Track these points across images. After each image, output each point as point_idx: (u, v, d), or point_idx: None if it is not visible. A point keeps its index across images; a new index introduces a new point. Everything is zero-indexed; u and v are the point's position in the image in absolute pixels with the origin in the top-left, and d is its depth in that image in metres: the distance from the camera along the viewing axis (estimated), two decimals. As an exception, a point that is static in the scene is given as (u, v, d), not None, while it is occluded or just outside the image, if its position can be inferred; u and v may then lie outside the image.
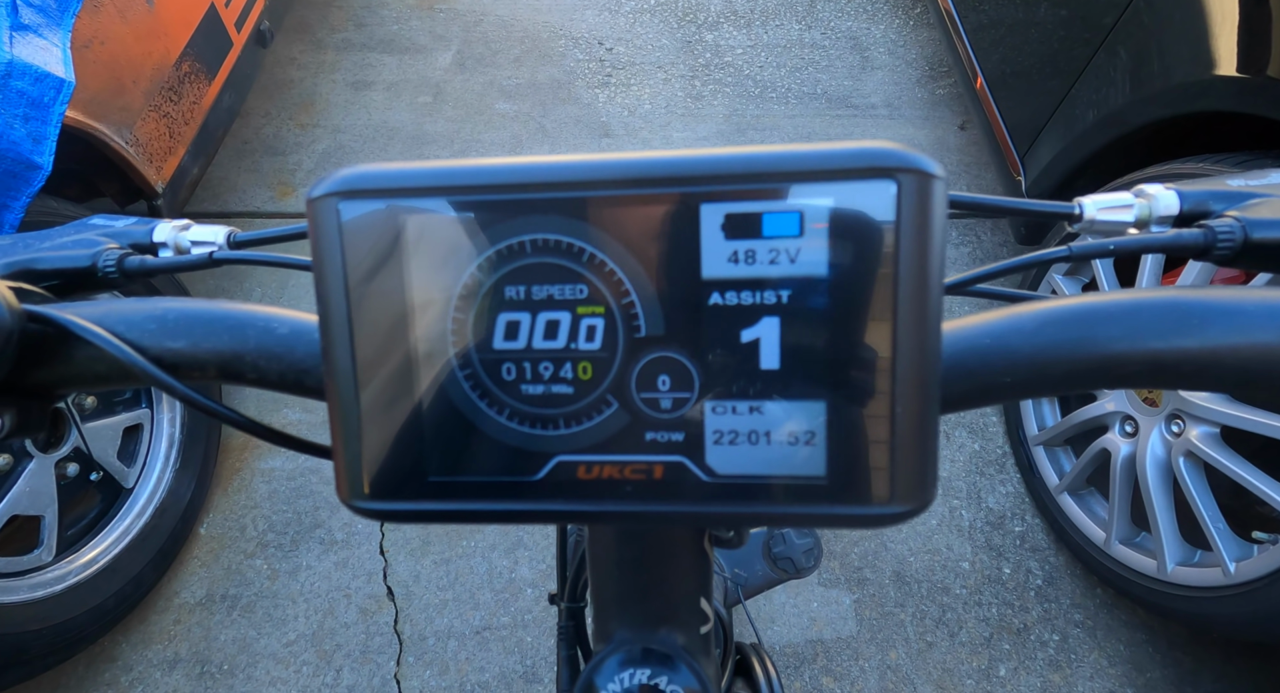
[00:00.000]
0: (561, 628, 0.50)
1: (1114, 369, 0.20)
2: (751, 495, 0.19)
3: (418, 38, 2.24)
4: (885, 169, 0.17)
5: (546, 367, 0.19)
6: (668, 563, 0.26)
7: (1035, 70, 1.46)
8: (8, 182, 0.91)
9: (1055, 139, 1.36)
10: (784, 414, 0.18)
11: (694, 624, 0.27)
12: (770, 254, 0.18)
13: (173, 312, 0.24)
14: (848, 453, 0.18)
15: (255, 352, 0.24)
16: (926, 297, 0.17)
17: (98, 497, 1.16)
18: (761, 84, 2.14)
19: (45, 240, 0.33)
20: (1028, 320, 0.21)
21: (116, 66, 1.18)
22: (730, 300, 0.18)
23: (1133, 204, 0.29)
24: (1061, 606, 1.26)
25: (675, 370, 0.19)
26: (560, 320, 0.19)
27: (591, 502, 0.19)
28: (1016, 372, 0.21)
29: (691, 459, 0.19)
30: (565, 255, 0.18)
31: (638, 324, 0.19)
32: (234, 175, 1.84)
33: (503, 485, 0.20)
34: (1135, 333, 0.20)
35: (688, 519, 0.19)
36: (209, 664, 1.18)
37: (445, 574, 1.27)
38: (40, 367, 0.24)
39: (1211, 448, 0.98)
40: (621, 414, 0.19)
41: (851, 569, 1.29)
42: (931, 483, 0.18)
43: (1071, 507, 1.24)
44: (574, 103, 2.07)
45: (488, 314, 0.19)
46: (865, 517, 0.19)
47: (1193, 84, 1.03)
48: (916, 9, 2.40)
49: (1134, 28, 1.18)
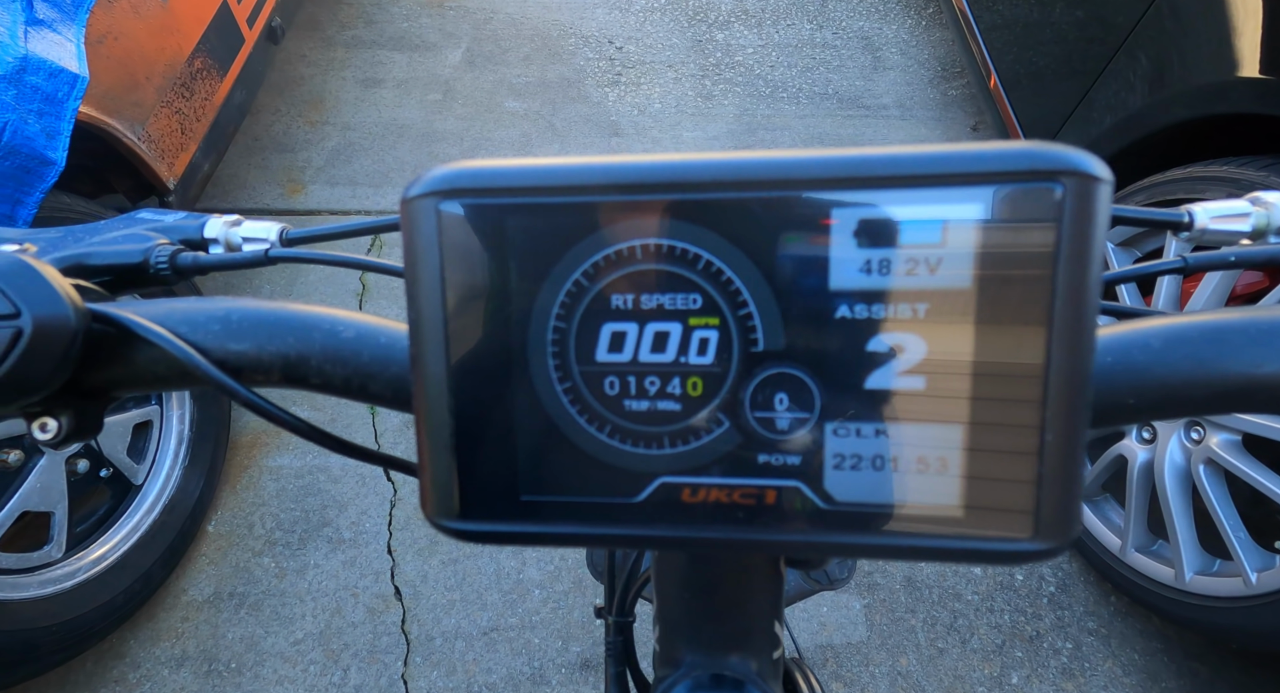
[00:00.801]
0: (609, 644, 0.48)
1: (1261, 394, 0.19)
2: (873, 526, 0.17)
3: (428, 35, 2.24)
4: (1050, 172, 0.15)
5: (653, 381, 0.18)
6: (742, 585, 0.24)
7: (1051, 71, 1.44)
8: (22, 177, 0.90)
9: (1072, 141, 1.34)
10: (915, 439, 0.17)
11: (767, 649, 0.26)
12: (908, 264, 0.16)
13: (236, 312, 0.23)
14: (987, 482, 0.17)
15: (321, 355, 0.23)
16: (1085, 313, 0.16)
17: (107, 493, 1.16)
18: (772, 84, 2.13)
19: (94, 235, 0.32)
20: (1154, 337, 0.19)
21: (130, 62, 1.18)
22: (860, 314, 0.17)
23: (1249, 213, 0.27)
24: (1075, 613, 1.24)
25: (795, 388, 0.17)
26: (670, 332, 0.18)
27: (695, 528, 0.18)
28: (1142, 393, 0.19)
29: (808, 485, 0.18)
30: (678, 262, 0.17)
31: (755, 337, 0.17)
32: (244, 172, 1.84)
33: (601, 507, 0.18)
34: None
35: (801, 549, 0.18)
36: (216, 662, 1.17)
37: (453, 574, 1.27)
38: (100, 368, 0.23)
39: (1232, 455, 0.97)
40: (733, 434, 0.18)
41: (862, 574, 1.28)
42: (1077, 516, 0.17)
43: (1086, 513, 1.23)
44: (584, 101, 2.06)
45: (592, 324, 0.18)
46: (1004, 553, 0.17)
47: (1214, 85, 1.02)
48: (929, 9, 2.38)
49: (1154, 29, 1.16)
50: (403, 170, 1.87)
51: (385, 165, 1.88)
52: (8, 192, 0.90)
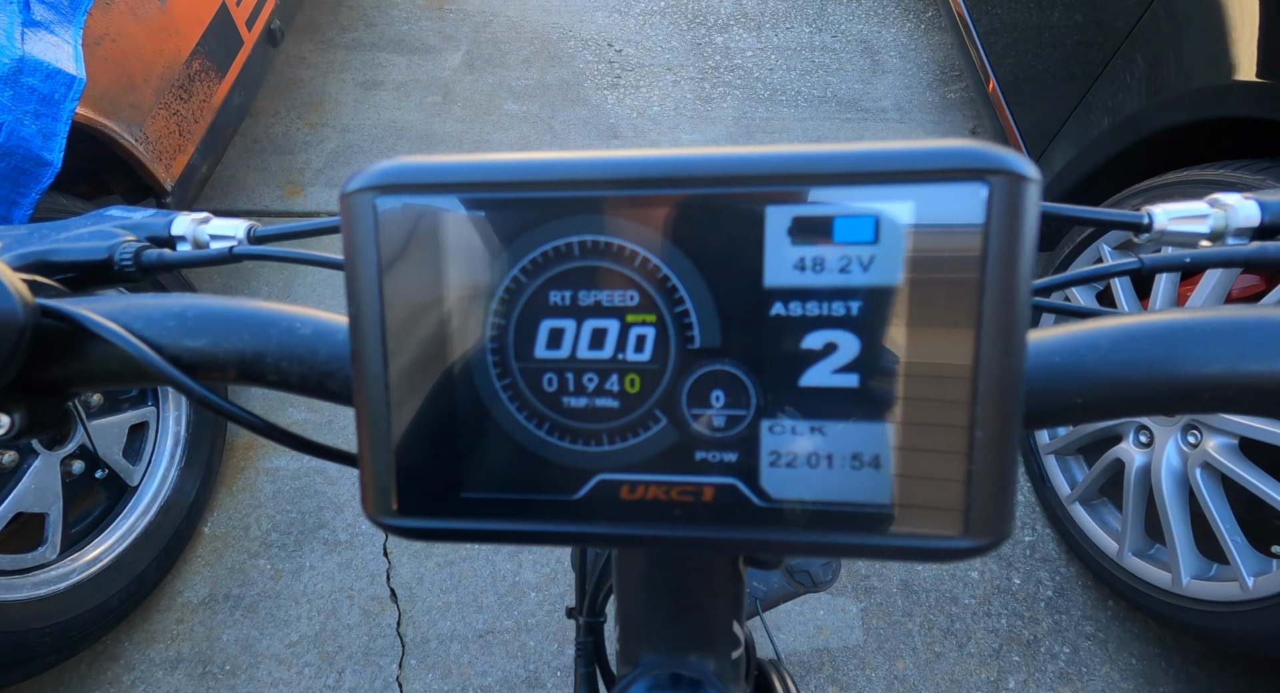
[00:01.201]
0: (580, 644, 0.49)
1: (1206, 394, 0.19)
2: (809, 523, 0.17)
3: (427, 38, 2.24)
4: (977, 170, 0.16)
5: (591, 378, 0.18)
6: (701, 585, 0.24)
7: (1049, 75, 1.44)
8: (18, 178, 0.90)
9: (1069, 144, 1.35)
10: (849, 436, 0.17)
11: (725, 649, 0.26)
12: (841, 261, 0.16)
13: (192, 309, 0.23)
14: (919, 480, 0.17)
15: (277, 352, 0.22)
16: (1014, 310, 0.16)
17: (102, 494, 1.16)
18: (771, 87, 2.13)
19: (61, 231, 0.32)
20: (1103, 337, 0.19)
21: (127, 64, 1.18)
22: (794, 311, 0.17)
23: (1208, 214, 0.27)
24: (1072, 617, 1.24)
25: (731, 385, 0.17)
26: (608, 329, 0.17)
27: (634, 525, 0.18)
28: (1090, 392, 0.19)
29: (745, 482, 0.18)
30: (616, 259, 0.17)
31: (692, 335, 0.17)
32: (243, 174, 1.84)
33: (540, 504, 0.18)
34: (1233, 354, 0.18)
35: (738, 547, 0.18)
36: (211, 664, 1.17)
37: (449, 577, 1.26)
38: (53, 364, 0.23)
39: (1229, 460, 0.96)
40: (670, 431, 0.18)
41: (859, 577, 1.28)
42: (1010, 514, 0.17)
43: (1083, 517, 1.22)
44: (583, 104, 2.06)
45: (530, 320, 0.18)
46: (935, 550, 0.17)
47: (1211, 89, 1.02)
48: (928, 13, 2.39)
49: (1151, 32, 1.16)
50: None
51: (384, 167, 1.88)
52: (3, 193, 0.90)
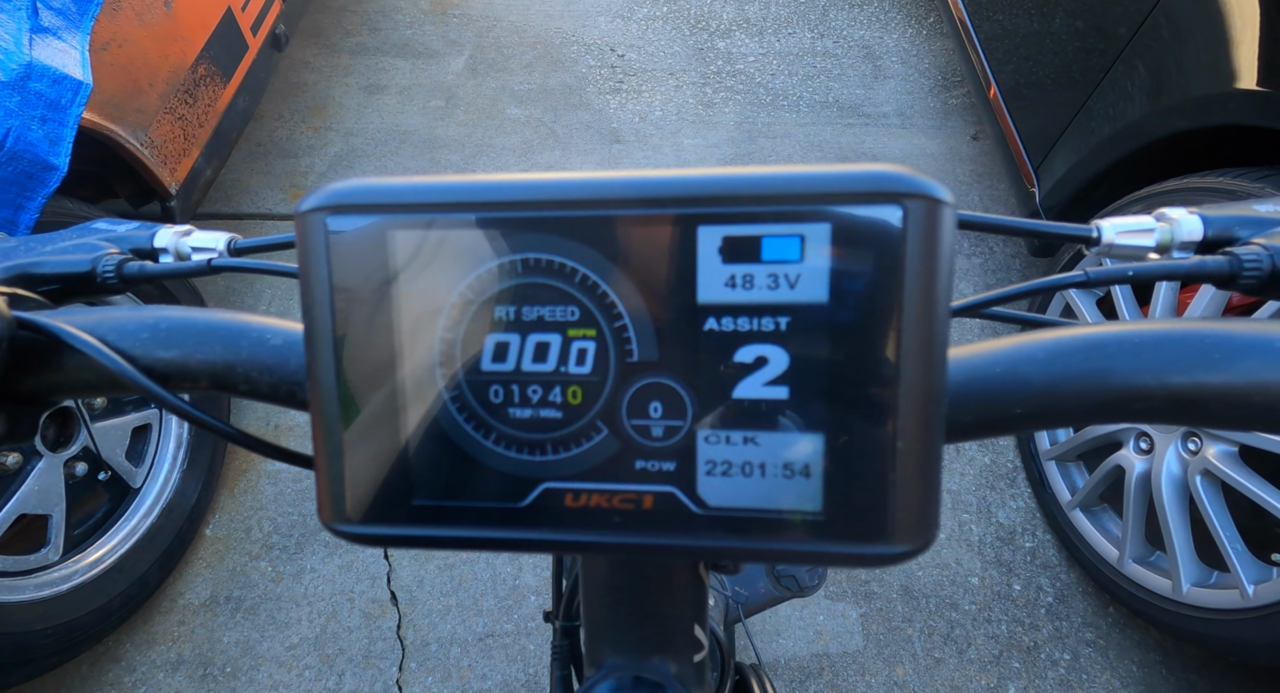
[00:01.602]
0: (556, 647, 0.50)
1: (1134, 404, 0.19)
2: (744, 530, 0.18)
3: (431, 43, 2.25)
4: (892, 194, 0.16)
5: (535, 390, 0.18)
6: (662, 590, 0.25)
7: (1050, 81, 1.45)
8: (24, 182, 0.91)
9: (1070, 151, 1.35)
10: (780, 446, 0.18)
11: (687, 652, 0.26)
12: (769, 279, 0.17)
13: (165, 321, 0.24)
14: (846, 488, 0.17)
15: (248, 363, 0.23)
16: (932, 327, 0.17)
17: (105, 496, 1.16)
18: (773, 92, 2.14)
19: (48, 244, 0.33)
20: (1040, 349, 0.20)
21: (133, 69, 1.19)
22: (726, 326, 0.17)
23: (1154, 228, 0.28)
24: (1073, 624, 1.24)
25: (668, 397, 0.18)
26: (550, 343, 0.18)
27: (578, 531, 0.19)
28: (1028, 403, 0.20)
29: (683, 490, 0.18)
30: (557, 276, 0.18)
31: (630, 349, 0.18)
32: (247, 177, 1.85)
33: (488, 512, 0.19)
34: (1158, 366, 0.19)
35: (677, 553, 0.19)
36: (212, 666, 1.18)
37: (449, 580, 1.26)
38: (31, 374, 0.24)
39: (1229, 467, 0.96)
40: (611, 441, 0.18)
41: (858, 583, 1.28)
42: (934, 522, 0.18)
43: (1084, 523, 1.22)
44: (585, 109, 2.07)
45: (476, 335, 0.18)
46: (863, 556, 0.18)
47: (1212, 97, 1.02)
48: (930, 18, 2.39)
49: (1152, 40, 1.16)
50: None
51: (387, 171, 1.89)
52: (10, 197, 0.90)
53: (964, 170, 1.94)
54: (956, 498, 1.38)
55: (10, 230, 0.91)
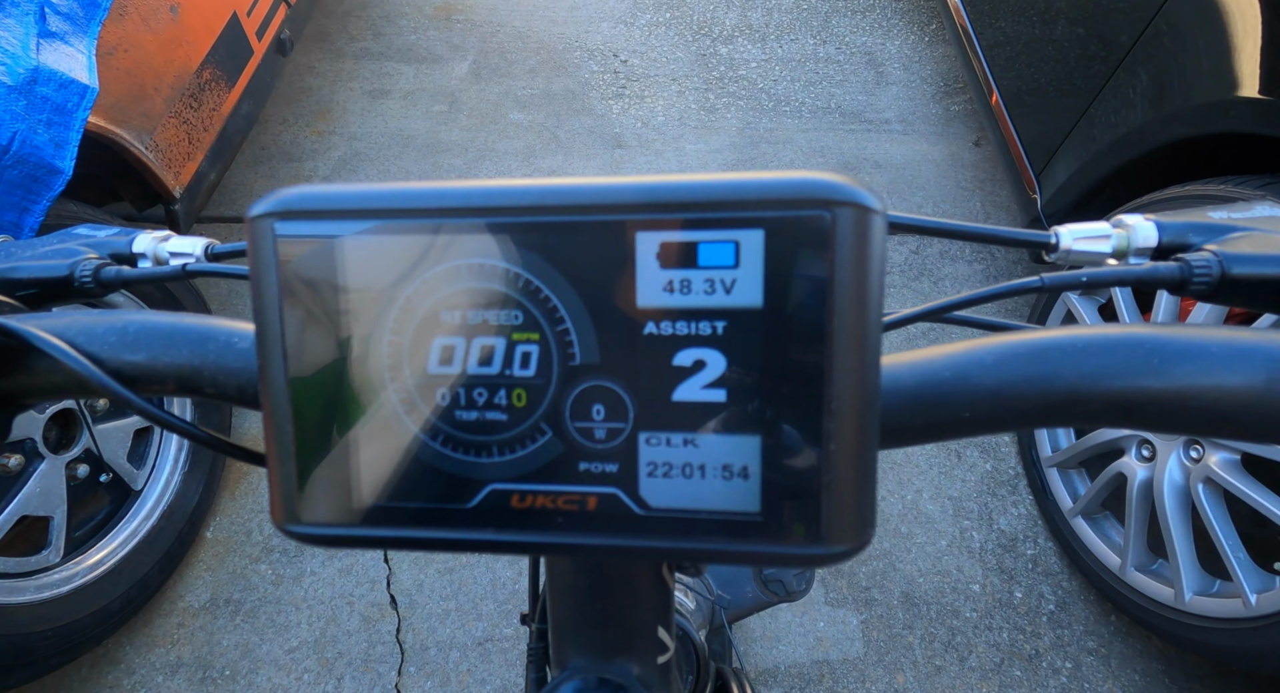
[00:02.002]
0: (531, 649, 0.50)
1: (1077, 408, 0.20)
2: (685, 530, 0.18)
3: (435, 48, 2.27)
4: (821, 201, 0.17)
5: (481, 393, 0.19)
6: (624, 592, 0.25)
7: (1052, 88, 1.45)
8: (29, 185, 0.92)
9: (1072, 157, 1.35)
10: (718, 448, 0.18)
11: (650, 654, 0.27)
12: (706, 284, 0.17)
13: (134, 324, 0.24)
14: (781, 490, 0.18)
15: (214, 366, 0.23)
16: (864, 331, 0.17)
17: (106, 499, 1.17)
18: (775, 98, 2.14)
19: (29, 249, 0.33)
20: (988, 354, 0.21)
21: (139, 73, 1.20)
22: (665, 330, 0.18)
23: (1110, 235, 0.28)
24: (1075, 632, 1.23)
25: (610, 400, 0.18)
26: (495, 346, 0.19)
27: (524, 532, 0.19)
28: (976, 406, 0.20)
29: (625, 491, 0.19)
30: (500, 280, 0.18)
31: (573, 352, 0.18)
32: (250, 180, 1.86)
33: (436, 512, 0.19)
34: (1100, 371, 0.19)
35: (621, 553, 0.19)
36: (211, 669, 1.17)
37: (448, 584, 1.26)
38: (3, 377, 0.24)
39: (1231, 475, 0.96)
40: (555, 443, 0.19)
41: (859, 589, 1.27)
42: (869, 523, 0.18)
43: (1086, 531, 1.22)
44: (588, 114, 2.08)
45: (423, 338, 0.19)
46: (799, 556, 0.18)
47: (1213, 104, 1.02)
48: (932, 25, 2.40)
49: (1154, 47, 1.17)
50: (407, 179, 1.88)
51: (390, 175, 1.90)
52: (15, 199, 0.91)
53: (966, 176, 1.94)
54: (958, 505, 1.38)
55: (15, 233, 0.92)
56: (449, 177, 1.90)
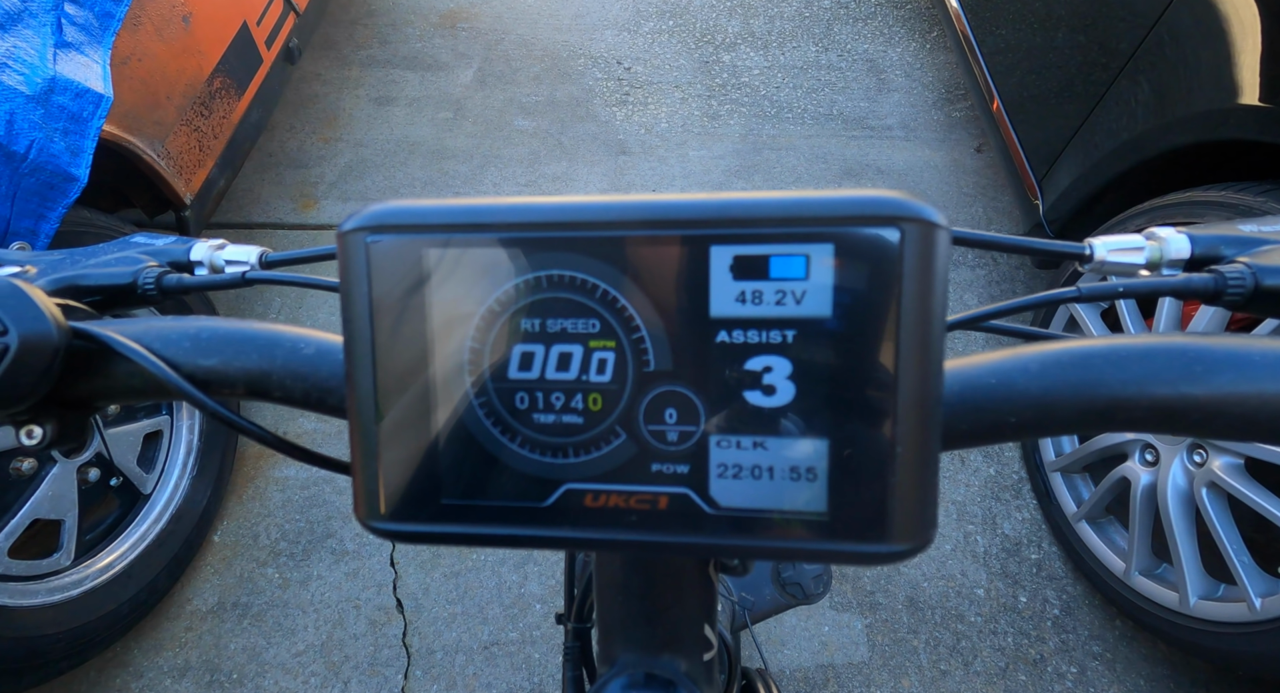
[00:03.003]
0: (567, 648, 0.51)
1: (1119, 413, 0.21)
2: (753, 529, 0.19)
3: (440, 55, 2.29)
4: (890, 217, 0.18)
5: (558, 397, 0.20)
6: (673, 590, 0.26)
7: (1053, 95, 1.46)
8: (46, 192, 0.93)
9: (1073, 164, 1.36)
10: (787, 450, 0.19)
11: (697, 651, 0.27)
12: (777, 295, 0.18)
13: (206, 330, 0.25)
14: (849, 490, 0.19)
15: (282, 371, 0.25)
16: (928, 340, 0.18)
17: (116, 502, 1.18)
18: (778, 104, 2.16)
19: (90, 257, 0.35)
20: (1033, 361, 0.21)
21: (152, 82, 1.22)
22: (737, 338, 0.19)
23: (1144, 246, 0.29)
24: (1080, 637, 1.23)
25: (682, 404, 0.19)
26: (573, 353, 0.19)
27: (597, 530, 0.20)
28: (1021, 412, 0.21)
29: (696, 491, 0.19)
30: (579, 291, 0.19)
31: (647, 359, 0.19)
32: (258, 187, 1.88)
33: (513, 511, 0.20)
34: (1142, 378, 0.20)
35: (691, 550, 0.20)
36: (218, 673, 1.18)
37: (455, 588, 1.27)
38: (82, 380, 0.25)
39: (1235, 479, 0.96)
40: (629, 445, 0.20)
41: (864, 593, 1.27)
42: (931, 522, 0.19)
43: (1090, 535, 1.22)
44: (592, 120, 2.09)
45: (504, 345, 0.20)
46: (865, 554, 0.19)
47: (1214, 112, 1.03)
48: (933, 32, 2.42)
49: (1155, 54, 1.18)
50: (413, 186, 1.90)
51: (396, 181, 1.91)
52: (32, 206, 0.92)
53: (968, 183, 1.95)
54: (962, 509, 1.38)
55: (31, 240, 0.93)
56: (454, 183, 1.91)
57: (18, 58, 0.89)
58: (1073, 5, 1.43)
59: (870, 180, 1.95)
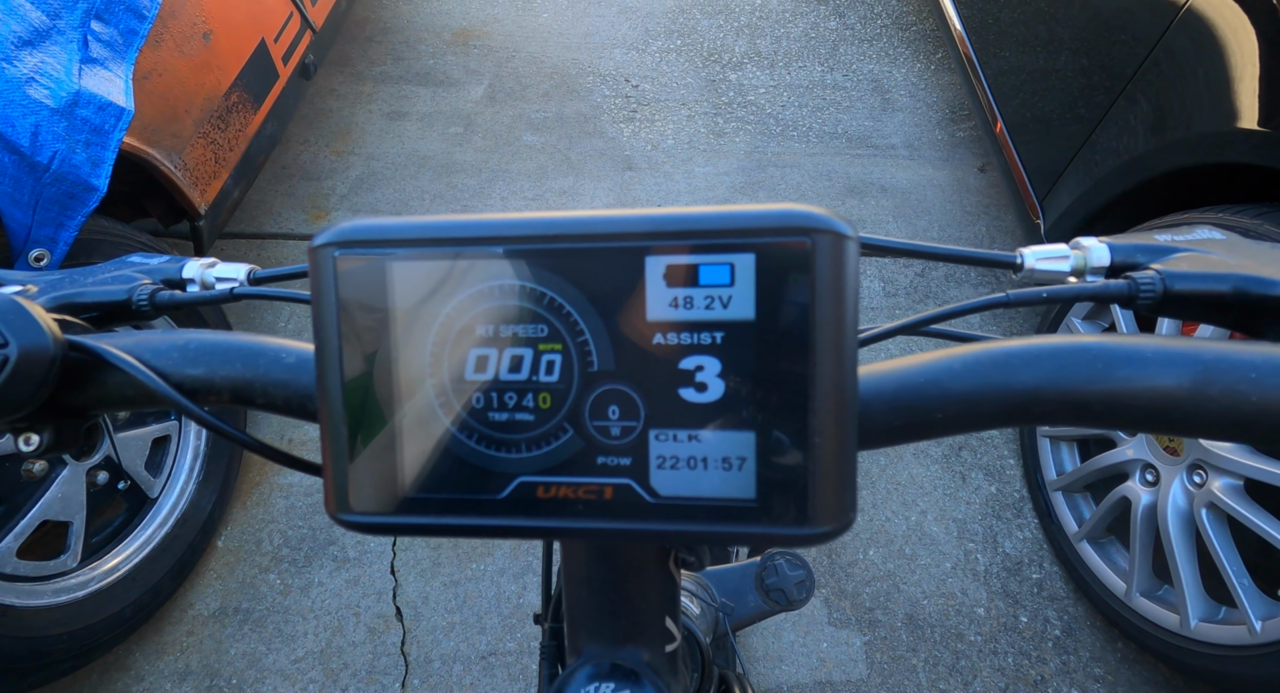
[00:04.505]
0: (544, 646, 0.51)
1: (1035, 408, 0.22)
2: (691, 515, 0.21)
3: (452, 72, 2.33)
4: (803, 229, 0.19)
5: (511, 396, 0.21)
6: (633, 582, 0.28)
7: (1055, 116, 1.48)
8: (66, 202, 0.96)
9: (1075, 184, 1.37)
10: (719, 442, 0.20)
11: (659, 642, 0.29)
12: (706, 300, 0.20)
13: (193, 342, 0.27)
14: (774, 478, 0.20)
15: (265, 379, 0.26)
16: (842, 339, 0.20)
17: (123, 506, 1.19)
18: (783, 123, 2.19)
19: (89, 276, 0.37)
20: (958, 361, 0.23)
21: (172, 96, 1.26)
22: (672, 340, 0.20)
23: (1069, 255, 0.31)
24: (1081, 658, 1.22)
25: (624, 402, 0.21)
26: (524, 356, 0.21)
27: (549, 519, 0.22)
28: (947, 409, 0.23)
29: (638, 481, 0.21)
30: (529, 299, 0.21)
31: (591, 360, 0.21)
32: (271, 198, 1.91)
33: (471, 502, 0.22)
34: (1051, 376, 0.22)
35: (634, 536, 0.21)
36: (218, 678, 1.19)
37: (454, 597, 1.27)
38: (77, 390, 0.27)
39: (1235, 500, 0.96)
40: (576, 440, 0.21)
41: (863, 610, 1.27)
42: (850, 506, 0.20)
43: (1091, 555, 1.21)
44: (599, 136, 2.13)
45: (461, 349, 0.21)
46: (791, 537, 0.20)
47: (1213, 135, 1.04)
48: (938, 54, 2.45)
49: (1154, 77, 1.19)
50: (422, 199, 1.93)
51: (406, 194, 1.95)
52: (52, 215, 0.95)
53: (971, 201, 1.96)
54: (963, 527, 1.37)
55: (51, 247, 0.96)
56: (462, 196, 1.94)
57: (44, 72, 0.93)
58: (1075, 28, 1.45)
59: (874, 198, 1.97)
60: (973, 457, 1.47)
